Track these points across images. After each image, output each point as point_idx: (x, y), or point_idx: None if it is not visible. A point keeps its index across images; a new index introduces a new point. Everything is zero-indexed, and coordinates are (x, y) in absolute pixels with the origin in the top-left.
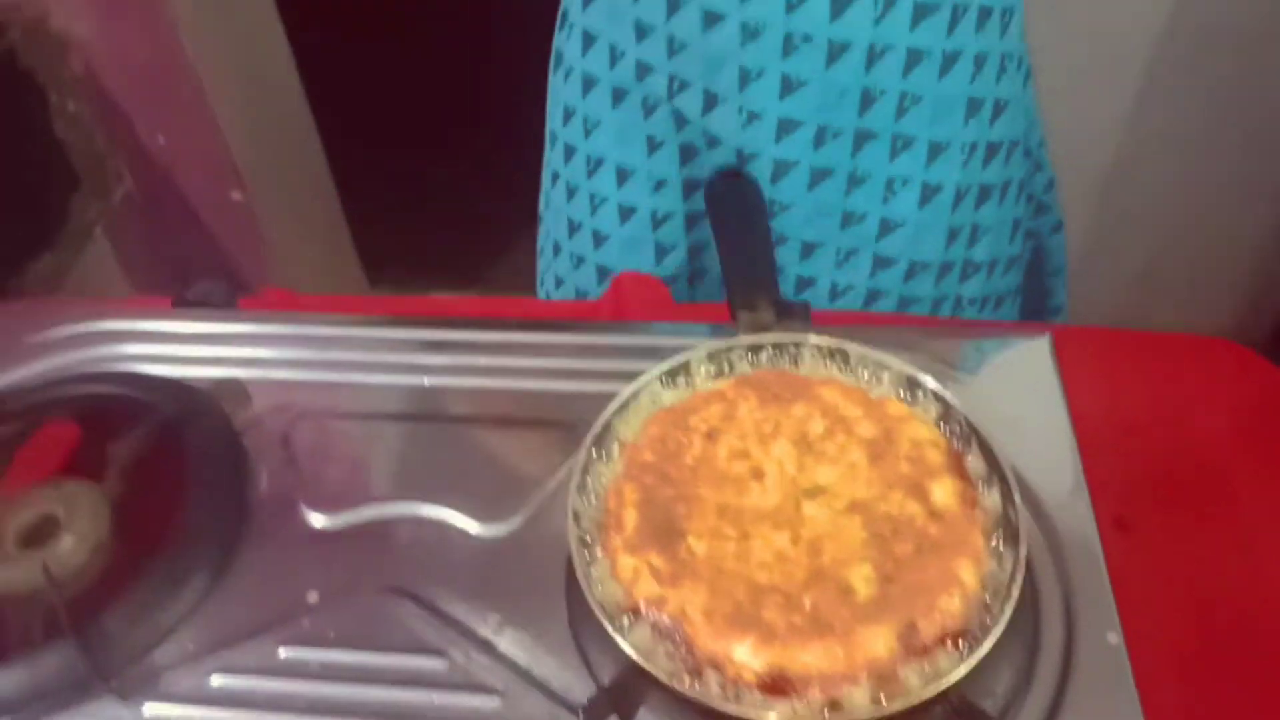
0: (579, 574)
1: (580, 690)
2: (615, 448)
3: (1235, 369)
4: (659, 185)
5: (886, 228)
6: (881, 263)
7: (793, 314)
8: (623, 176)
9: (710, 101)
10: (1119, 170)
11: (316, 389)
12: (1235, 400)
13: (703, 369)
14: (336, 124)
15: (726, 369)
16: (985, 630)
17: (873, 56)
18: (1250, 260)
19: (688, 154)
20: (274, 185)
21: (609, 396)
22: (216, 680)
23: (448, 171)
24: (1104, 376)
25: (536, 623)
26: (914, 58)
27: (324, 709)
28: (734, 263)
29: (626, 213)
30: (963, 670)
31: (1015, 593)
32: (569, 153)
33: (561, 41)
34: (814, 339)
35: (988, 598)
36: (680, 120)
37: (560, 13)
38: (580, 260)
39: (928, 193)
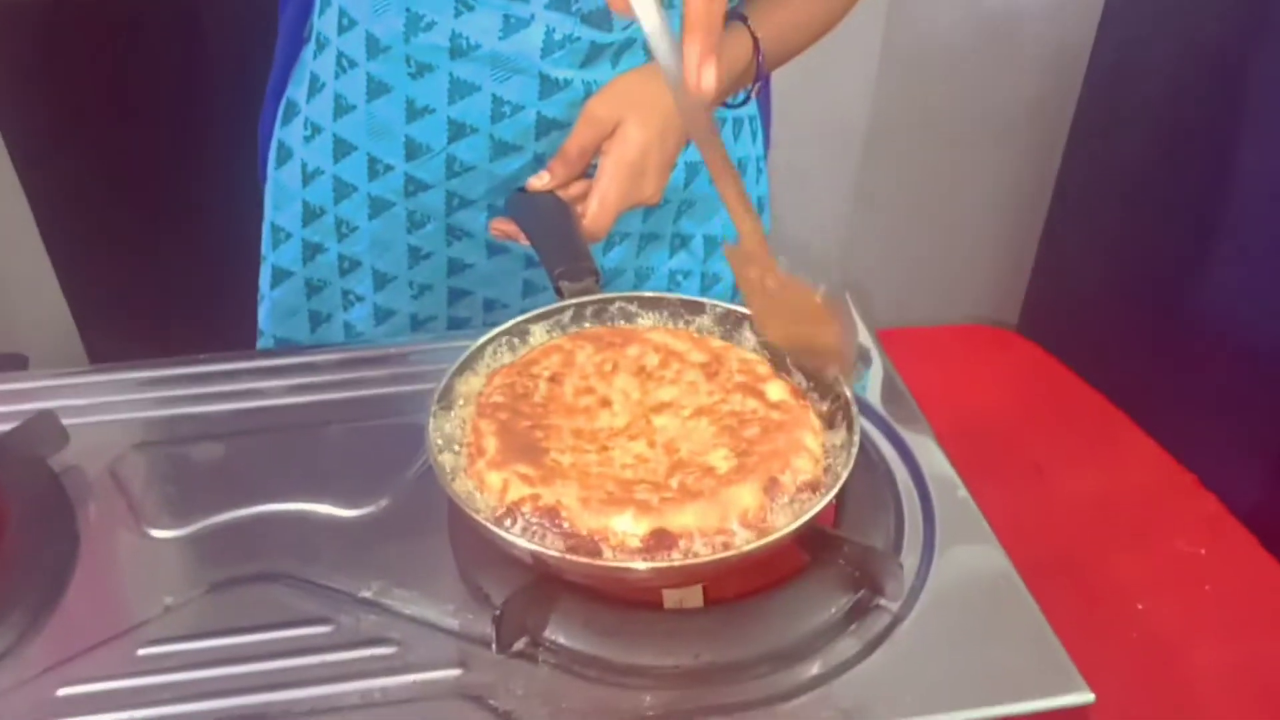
0: (447, 489)
1: (481, 624)
2: (461, 402)
3: (1000, 349)
4: (422, 290)
5: None
6: None
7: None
8: (381, 280)
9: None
10: (863, 202)
11: (143, 424)
12: (1007, 376)
13: (537, 330)
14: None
15: (558, 331)
16: (835, 477)
17: None
18: (995, 252)
19: (457, 265)
20: None
21: None
22: (64, 691)
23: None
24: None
25: (423, 579)
26: (692, 170)
27: (198, 694)
28: (549, 243)
29: (384, 314)
30: (821, 504)
31: (854, 449)
32: (314, 249)
33: (292, 138)
34: (634, 294)
35: (830, 460)
36: (456, 233)
37: (284, 104)
38: None
39: (707, 282)
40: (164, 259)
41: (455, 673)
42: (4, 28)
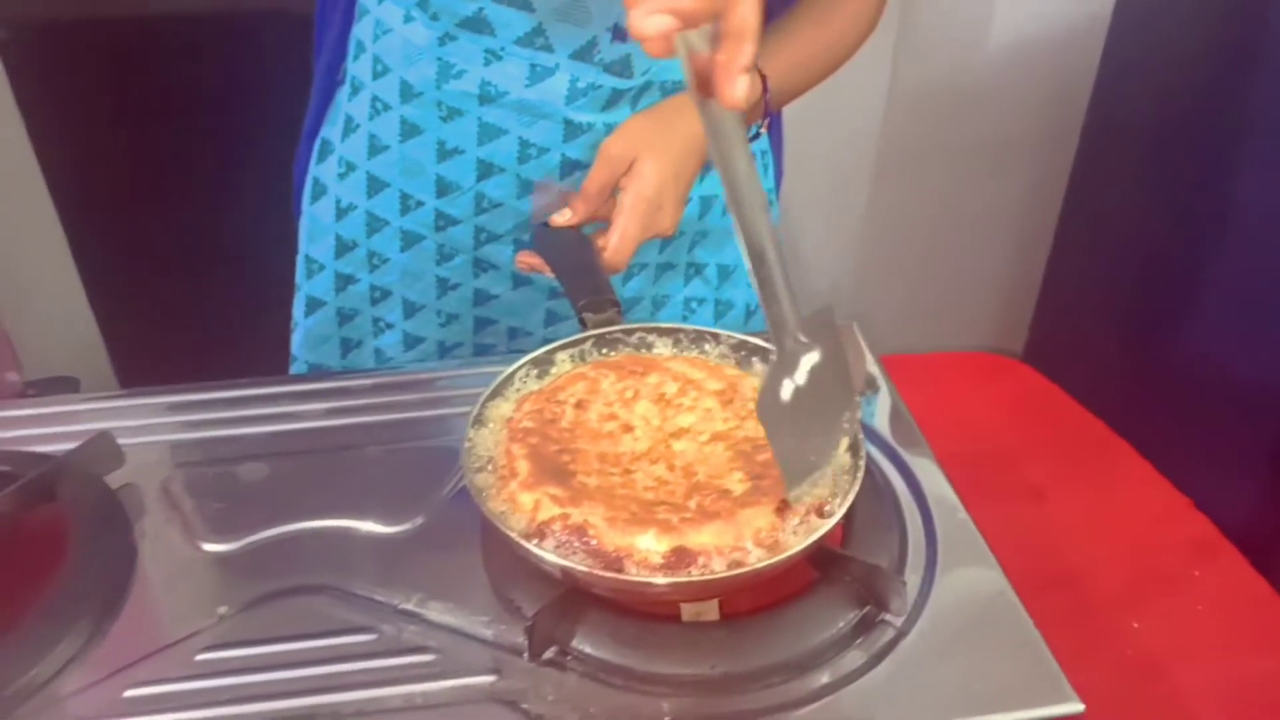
0: (482, 508)
1: (514, 634)
2: (492, 426)
3: (1002, 375)
4: (450, 319)
5: None
6: None
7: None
8: (410, 309)
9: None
10: (872, 232)
11: (191, 445)
12: (1010, 402)
13: (562, 358)
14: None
15: (582, 360)
16: (842, 500)
17: None
18: (1002, 282)
19: (483, 295)
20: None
21: None
22: (130, 693)
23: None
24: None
25: (459, 592)
26: (706, 204)
27: (252, 696)
28: (573, 277)
29: (413, 341)
30: (828, 526)
31: (860, 473)
32: (345, 280)
33: (326, 175)
34: (653, 325)
35: (838, 484)
36: (483, 265)
37: (319, 144)
38: None
39: (720, 309)
40: (198, 288)
41: (490, 679)
42: (45, 58)
